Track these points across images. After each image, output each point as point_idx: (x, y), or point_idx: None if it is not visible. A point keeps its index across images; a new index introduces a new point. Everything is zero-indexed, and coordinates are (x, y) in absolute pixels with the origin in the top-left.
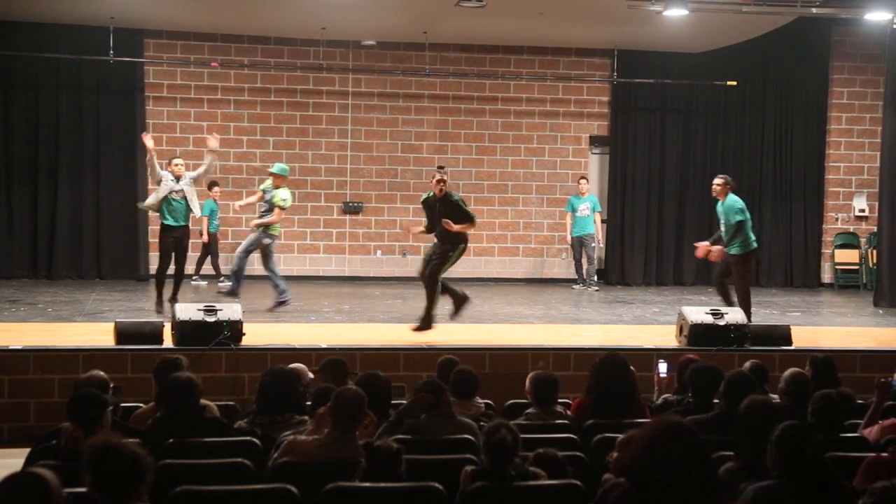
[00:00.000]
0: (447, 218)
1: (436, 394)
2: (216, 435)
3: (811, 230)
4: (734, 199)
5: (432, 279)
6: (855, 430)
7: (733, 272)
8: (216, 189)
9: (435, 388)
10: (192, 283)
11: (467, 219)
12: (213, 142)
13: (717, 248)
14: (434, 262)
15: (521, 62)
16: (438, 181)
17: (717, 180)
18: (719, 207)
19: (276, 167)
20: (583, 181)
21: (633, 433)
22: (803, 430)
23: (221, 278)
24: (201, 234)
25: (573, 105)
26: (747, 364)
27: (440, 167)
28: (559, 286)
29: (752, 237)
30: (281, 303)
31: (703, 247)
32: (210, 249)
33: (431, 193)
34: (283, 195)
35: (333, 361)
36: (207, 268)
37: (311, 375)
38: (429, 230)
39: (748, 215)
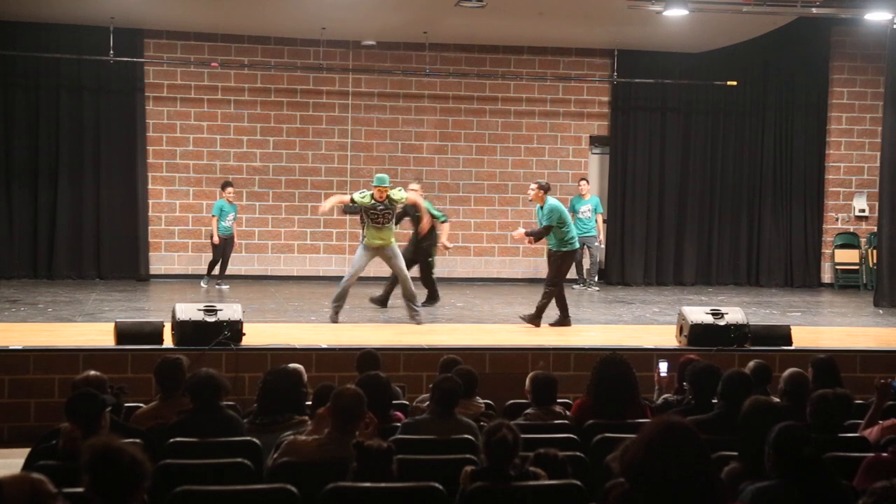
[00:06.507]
0: None
1: (451, 391)
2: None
3: (811, 230)
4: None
5: None
6: (855, 430)
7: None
8: (229, 189)
9: (450, 384)
10: (217, 286)
11: None
12: None
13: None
14: None
15: (521, 62)
16: None
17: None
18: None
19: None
20: (583, 182)
21: (634, 437)
22: (800, 431)
23: (218, 281)
24: (212, 237)
25: (573, 105)
26: (751, 364)
27: None
28: None
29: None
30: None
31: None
32: (215, 253)
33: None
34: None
35: (366, 355)
36: (234, 267)
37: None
38: None
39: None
